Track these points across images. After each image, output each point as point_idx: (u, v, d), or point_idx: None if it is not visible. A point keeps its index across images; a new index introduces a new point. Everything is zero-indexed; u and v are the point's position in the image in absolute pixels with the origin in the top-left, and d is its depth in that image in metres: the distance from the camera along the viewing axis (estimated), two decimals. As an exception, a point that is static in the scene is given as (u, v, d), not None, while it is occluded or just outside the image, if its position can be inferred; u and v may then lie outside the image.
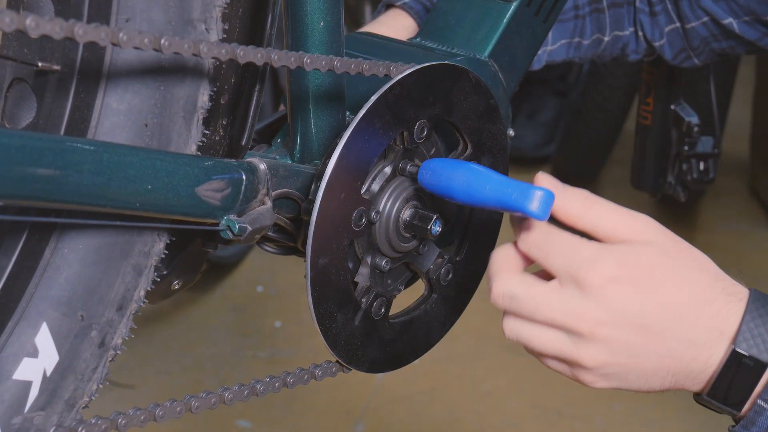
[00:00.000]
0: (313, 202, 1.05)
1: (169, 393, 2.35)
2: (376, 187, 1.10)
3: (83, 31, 0.87)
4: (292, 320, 2.66)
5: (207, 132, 1.09)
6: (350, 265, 1.11)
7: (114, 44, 0.89)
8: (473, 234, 1.19)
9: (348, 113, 1.14)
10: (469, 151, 1.16)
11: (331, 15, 1.08)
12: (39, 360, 0.99)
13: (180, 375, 2.44)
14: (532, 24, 1.26)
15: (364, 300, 1.11)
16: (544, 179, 0.99)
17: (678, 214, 2.92)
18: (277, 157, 1.13)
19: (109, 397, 2.26)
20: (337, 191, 1.05)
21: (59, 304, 0.99)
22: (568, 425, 2.27)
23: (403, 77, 1.08)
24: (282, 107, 1.22)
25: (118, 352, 1.05)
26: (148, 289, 1.06)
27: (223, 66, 1.08)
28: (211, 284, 2.78)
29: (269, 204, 1.06)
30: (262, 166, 1.05)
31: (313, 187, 1.09)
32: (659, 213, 3.08)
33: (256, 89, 1.14)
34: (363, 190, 1.09)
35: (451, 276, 1.18)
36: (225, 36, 1.06)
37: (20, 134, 0.93)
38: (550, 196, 0.96)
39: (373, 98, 1.06)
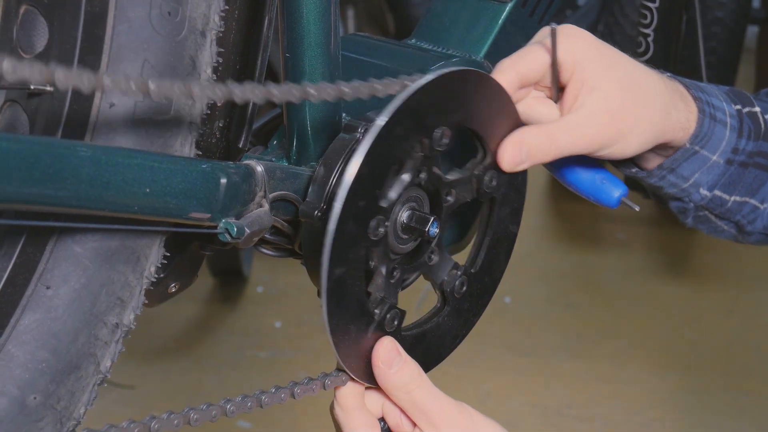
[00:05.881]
0: (328, 211, 1.01)
1: (169, 393, 2.35)
2: (393, 195, 1.07)
3: (64, 77, 0.83)
4: (293, 320, 2.67)
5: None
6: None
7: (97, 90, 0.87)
8: (489, 245, 1.16)
9: (344, 114, 1.14)
10: (488, 159, 1.11)
11: (326, 17, 1.09)
12: None
13: (180, 375, 2.44)
14: (526, 25, 1.26)
15: (377, 311, 1.08)
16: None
17: (678, 213, 2.92)
18: (274, 159, 1.13)
19: (109, 397, 2.27)
20: (356, 199, 1.01)
21: None
22: (568, 425, 2.28)
23: (426, 83, 1.03)
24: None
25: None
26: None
27: (220, 70, 1.09)
28: (211, 285, 2.79)
29: (267, 206, 1.06)
30: (260, 169, 1.05)
31: (310, 189, 1.09)
32: (659, 214, 3.08)
33: (253, 92, 1.14)
34: (381, 198, 1.05)
35: (465, 288, 1.14)
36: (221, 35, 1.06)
37: (17, 138, 0.93)
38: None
39: (396, 103, 1.02)
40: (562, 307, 2.76)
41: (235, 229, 1.02)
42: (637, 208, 1.15)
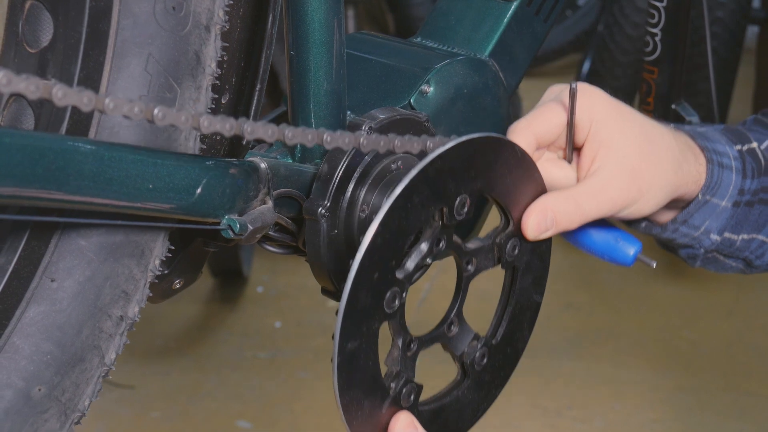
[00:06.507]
0: (351, 263, 0.97)
1: (169, 393, 2.35)
2: (411, 265, 1.03)
3: (62, 94, 0.83)
4: (292, 321, 2.66)
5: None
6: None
7: (100, 111, 0.86)
8: (511, 315, 1.12)
9: (348, 113, 1.14)
10: (511, 227, 1.08)
11: (331, 14, 1.08)
12: None
13: (180, 375, 2.44)
14: (532, 24, 1.26)
15: (392, 385, 1.04)
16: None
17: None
18: (278, 157, 1.13)
19: (109, 397, 2.26)
20: (369, 272, 0.98)
21: None
22: (568, 425, 2.28)
23: (444, 150, 1.00)
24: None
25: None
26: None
27: (224, 65, 1.09)
28: (211, 285, 2.79)
29: (270, 203, 1.06)
30: (263, 166, 1.05)
31: (314, 186, 1.08)
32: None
33: (257, 89, 1.14)
34: (397, 270, 1.01)
35: (486, 360, 1.11)
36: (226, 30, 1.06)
37: (22, 133, 0.93)
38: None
39: (413, 173, 0.98)
40: (561, 307, 2.76)
41: (238, 226, 1.02)
42: (653, 265, 1.12)
